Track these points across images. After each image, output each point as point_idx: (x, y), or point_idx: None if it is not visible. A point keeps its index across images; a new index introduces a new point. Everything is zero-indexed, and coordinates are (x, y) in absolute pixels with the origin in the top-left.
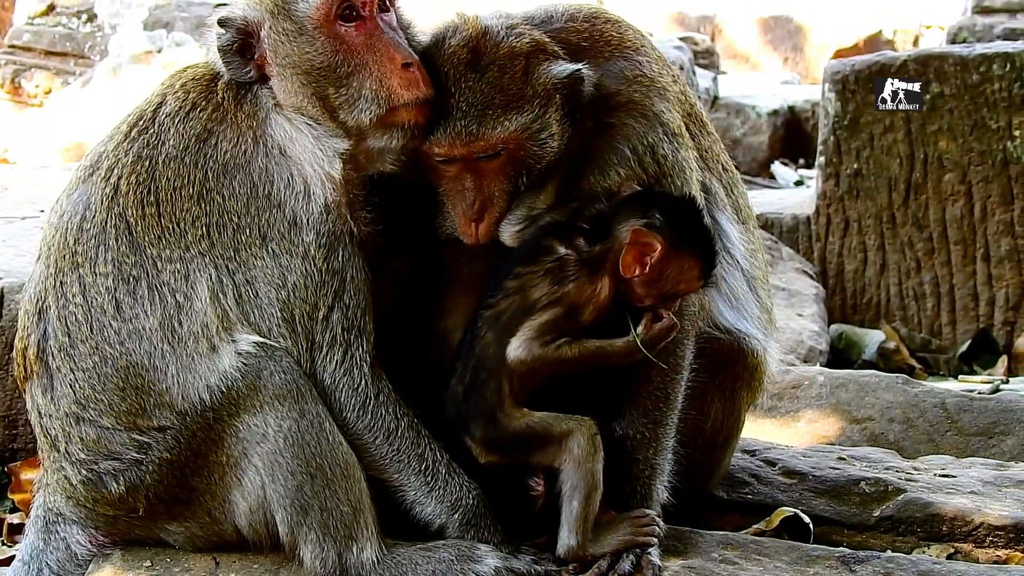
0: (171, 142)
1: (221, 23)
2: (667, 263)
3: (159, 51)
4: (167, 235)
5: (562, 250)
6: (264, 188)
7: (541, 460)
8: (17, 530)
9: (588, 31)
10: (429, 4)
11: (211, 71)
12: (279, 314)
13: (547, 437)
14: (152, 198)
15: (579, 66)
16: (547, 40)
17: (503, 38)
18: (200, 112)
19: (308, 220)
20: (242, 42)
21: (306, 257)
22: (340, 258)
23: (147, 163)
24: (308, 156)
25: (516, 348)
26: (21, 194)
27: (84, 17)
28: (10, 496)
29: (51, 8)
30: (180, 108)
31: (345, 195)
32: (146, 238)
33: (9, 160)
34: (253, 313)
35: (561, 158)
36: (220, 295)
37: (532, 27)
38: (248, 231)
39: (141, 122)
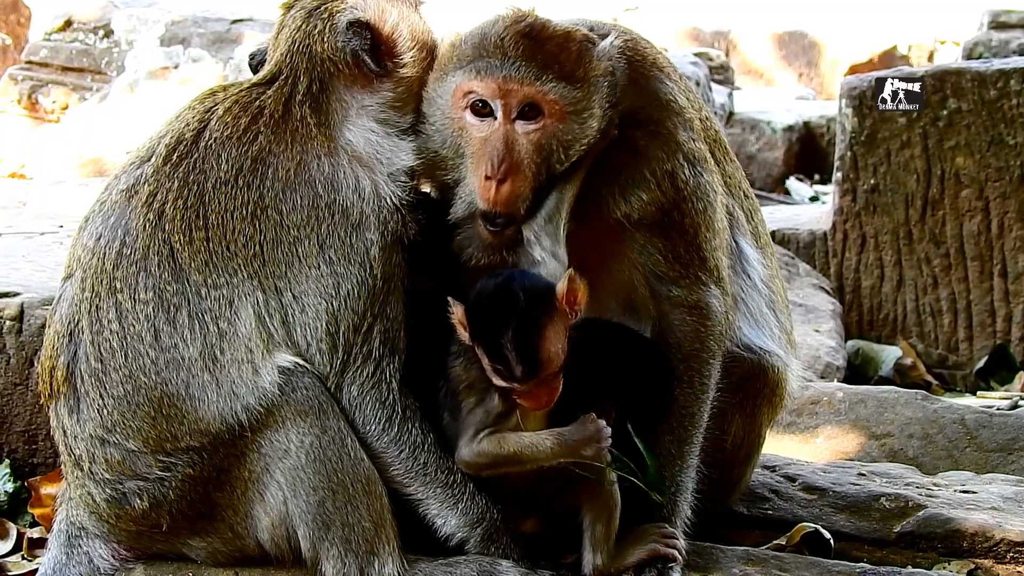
0: (223, 166)
1: (351, 25)
2: (475, 348)
3: (176, 67)
4: (214, 259)
5: None
6: (328, 197)
7: (569, 503)
8: (38, 544)
9: (630, 47)
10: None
11: (259, 93)
12: (324, 327)
13: (562, 480)
14: (201, 223)
15: (616, 37)
16: (596, 36)
17: (559, 24)
18: (257, 136)
19: (377, 219)
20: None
21: (363, 263)
22: (392, 263)
23: (195, 187)
24: (387, 153)
25: (458, 452)
26: (39, 209)
27: (101, 33)
28: (30, 510)
29: (68, 24)
30: (231, 133)
31: (408, 194)
32: (192, 264)
33: (26, 175)
34: (296, 331)
35: (586, 161)
36: (266, 318)
37: None
38: (306, 242)
39: (181, 146)
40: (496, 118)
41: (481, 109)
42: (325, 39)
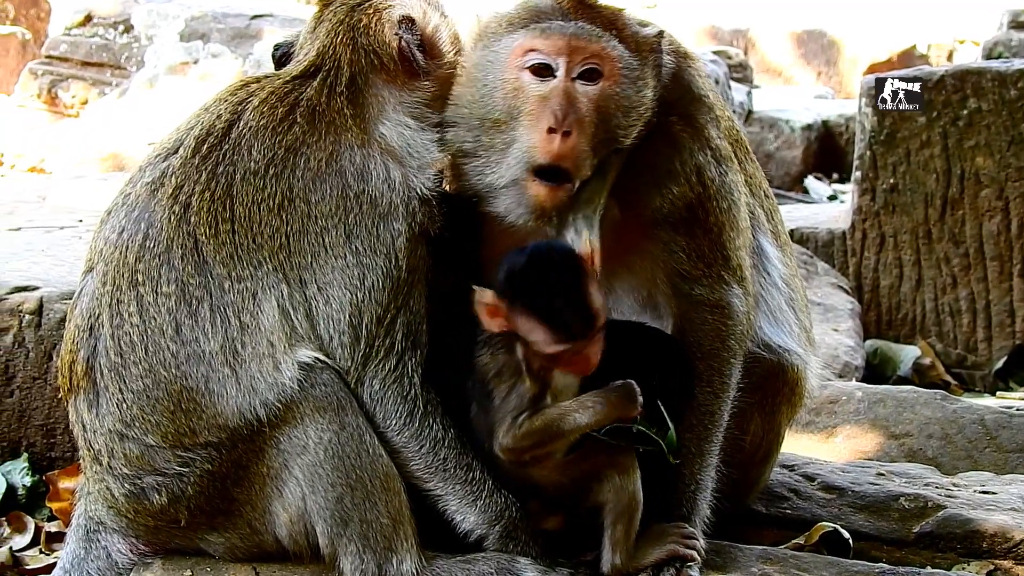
0: (255, 156)
1: (404, 21)
2: (517, 323)
3: (195, 62)
4: (239, 251)
5: None
6: (358, 187)
7: (592, 502)
8: (55, 538)
9: (669, 39)
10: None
11: (297, 85)
12: (347, 319)
13: (585, 479)
14: (227, 215)
15: (662, 29)
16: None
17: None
18: (292, 126)
19: (406, 209)
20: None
21: (389, 254)
22: (417, 255)
23: (223, 179)
24: (419, 148)
25: (498, 440)
26: (58, 204)
27: (121, 28)
28: (48, 504)
29: (88, 19)
30: (267, 123)
31: (436, 187)
32: (217, 256)
33: (46, 170)
34: (319, 324)
35: (627, 149)
36: (290, 311)
37: None
38: (333, 232)
39: (211, 138)
40: (556, 76)
41: (541, 69)
42: (371, 33)
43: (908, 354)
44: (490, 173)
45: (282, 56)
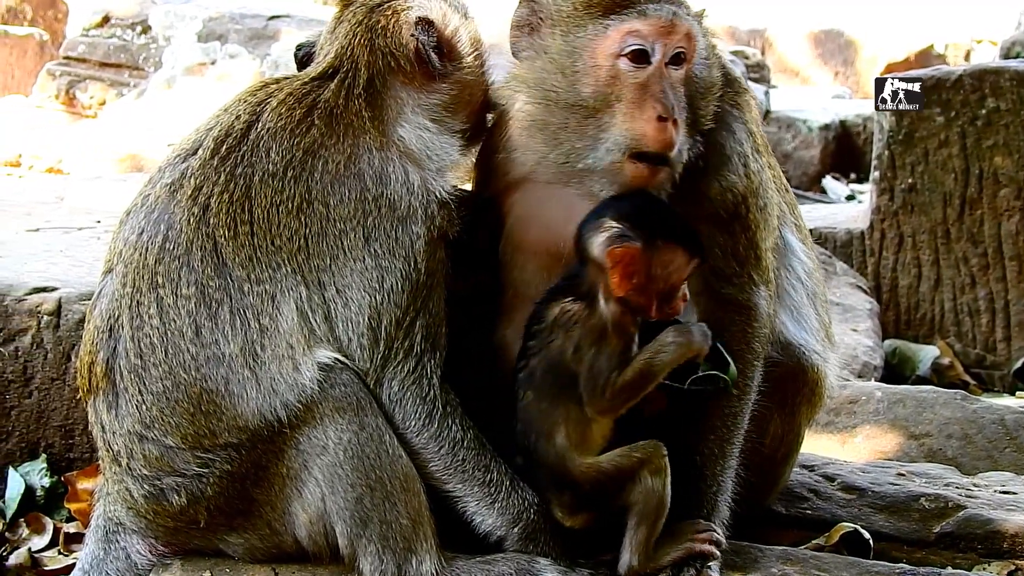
0: (273, 158)
1: (420, 22)
2: (655, 261)
3: (213, 63)
4: (258, 253)
5: (560, 305)
6: (376, 190)
7: (621, 502)
8: (74, 539)
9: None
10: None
11: (315, 86)
12: (366, 321)
13: (621, 477)
14: (246, 216)
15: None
16: None
17: None
18: (310, 128)
19: (425, 212)
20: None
21: (408, 257)
22: (436, 258)
23: (242, 181)
24: (437, 151)
25: (595, 403)
26: (76, 204)
27: (138, 29)
28: (67, 505)
29: (106, 20)
30: (284, 125)
31: (455, 191)
32: (236, 259)
33: (63, 171)
34: (338, 326)
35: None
36: (308, 313)
37: None
38: (352, 235)
39: (230, 139)
40: (651, 63)
41: (637, 56)
42: (389, 34)
43: (927, 354)
44: (581, 159)
45: (304, 56)
